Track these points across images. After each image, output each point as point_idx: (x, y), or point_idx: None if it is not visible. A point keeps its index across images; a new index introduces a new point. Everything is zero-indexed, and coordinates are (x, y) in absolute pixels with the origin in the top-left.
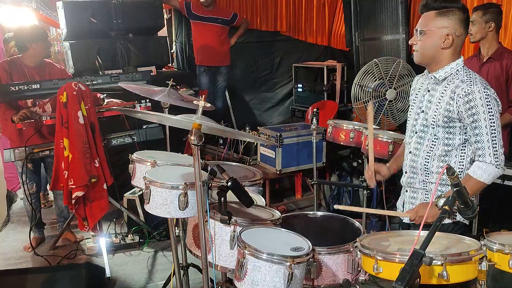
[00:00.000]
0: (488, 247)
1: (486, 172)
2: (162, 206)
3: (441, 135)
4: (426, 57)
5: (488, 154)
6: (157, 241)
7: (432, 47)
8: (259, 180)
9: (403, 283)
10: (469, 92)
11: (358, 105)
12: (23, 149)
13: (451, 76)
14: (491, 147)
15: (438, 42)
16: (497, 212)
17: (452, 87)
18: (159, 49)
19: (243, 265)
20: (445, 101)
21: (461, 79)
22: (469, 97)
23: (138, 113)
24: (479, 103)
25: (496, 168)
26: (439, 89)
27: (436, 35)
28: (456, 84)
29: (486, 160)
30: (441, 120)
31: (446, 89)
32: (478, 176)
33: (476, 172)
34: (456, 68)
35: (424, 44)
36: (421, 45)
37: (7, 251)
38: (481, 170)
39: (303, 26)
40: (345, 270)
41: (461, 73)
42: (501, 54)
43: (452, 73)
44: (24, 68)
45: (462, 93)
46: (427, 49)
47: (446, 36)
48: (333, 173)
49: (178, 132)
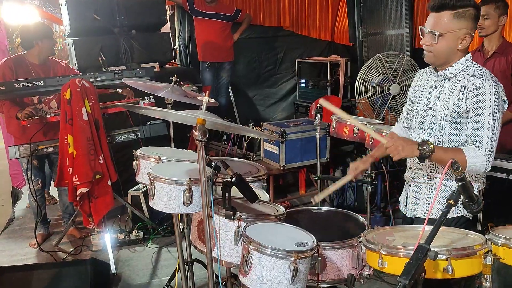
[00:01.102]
0: (493, 242)
1: (476, 158)
2: (166, 202)
3: (448, 131)
4: (441, 58)
5: (484, 149)
6: (161, 237)
7: (449, 49)
8: (263, 175)
9: (408, 278)
10: (480, 86)
11: (362, 100)
12: (28, 146)
13: (461, 73)
14: (488, 142)
15: (455, 44)
16: (502, 206)
17: (462, 82)
18: (162, 46)
19: (248, 260)
20: (455, 96)
21: (472, 74)
22: (479, 91)
23: (142, 109)
24: (487, 98)
25: (484, 162)
26: (448, 85)
27: (455, 37)
28: (467, 79)
29: (481, 151)
30: (449, 115)
31: (456, 85)
32: (468, 155)
33: (469, 152)
34: (466, 64)
35: (441, 47)
36: (437, 47)
37: (13, 248)
38: (474, 154)
39: (306, 21)
40: (350, 265)
41: (471, 68)
42: (505, 49)
43: (462, 69)
44: (29, 65)
45: (473, 87)
46: (443, 52)
47: (464, 37)
48: (337, 168)
49: (182, 128)
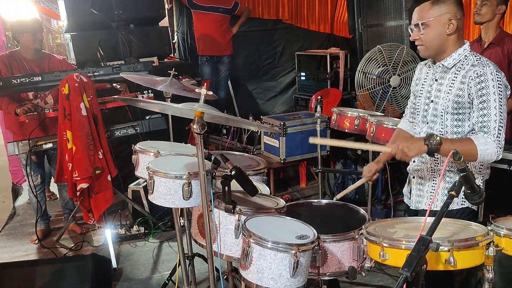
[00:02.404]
0: (495, 232)
1: (486, 145)
2: (166, 196)
3: (450, 123)
4: (433, 48)
5: (493, 134)
6: (162, 231)
7: (438, 36)
8: (263, 169)
9: (410, 270)
10: (482, 73)
11: (362, 93)
12: (27, 141)
13: (460, 63)
14: (497, 127)
15: (443, 30)
16: (503, 197)
17: (463, 72)
18: (160, 40)
19: (248, 253)
20: (456, 87)
21: (472, 64)
22: (481, 78)
23: (141, 103)
24: (491, 84)
25: (495, 148)
26: (448, 77)
27: (439, 23)
28: (467, 69)
29: (490, 137)
30: (451, 107)
31: (456, 76)
32: (478, 143)
33: (479, 140)
34: (464, 54)
35: (429, 35)
36: (425, 38)
37: (13, 244)
38: (484, 141)
39: (305, 14)
40: (351, 258)
41: (470, 57)
42: (502, 39)
43: (460, 59)
44: (23, 60)
45: (474, 75)
46: (433, 40)
47: (449, 21)
48: (337, 161)
49: (181, 122)
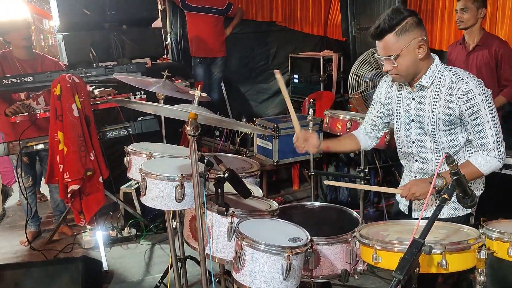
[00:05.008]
0: (487, 236)
1: (488, 163)
2: (158, 198)
3: (444, 139)
4: (410, 74)
5: (492, 149)
6: (154, 233)
7: (412, 64)
8: (256, 171)
9: (403, 272)
10: (467, 90)
11: (355, 95)
12: (17, 143)
13: (437, 79)
14: (495, 141)
15: (415, 56)
16: (495, 201)
17: (443, 89)
18: (153, 41)
19: (241, 256)
20: (442, 105)
21: (450, 79)
22: (468, 95)
23: (133, 104)
24: (479, 100)
25: (498, 162)
26: (428, 95)
27: (410, 51)
28: (448, 85)
29: (490, 154)
30: (442, 125)
31: (437, 93)
32: (479, 165)
33: (479, 162)
34: (437, 69)
35: (403, 65)
36: (400, 69)
37: (3, 246)
38: (484, 161)
39: (298, 16)
40: (344, 260)
41: (446, 73)
42: (487, 40)
43: (435, 75)
44: (15, 61)
45: (459, 93)
46: (408, 68)
47: (419, 46)
48: (330, 164)
49: (174, 124)
